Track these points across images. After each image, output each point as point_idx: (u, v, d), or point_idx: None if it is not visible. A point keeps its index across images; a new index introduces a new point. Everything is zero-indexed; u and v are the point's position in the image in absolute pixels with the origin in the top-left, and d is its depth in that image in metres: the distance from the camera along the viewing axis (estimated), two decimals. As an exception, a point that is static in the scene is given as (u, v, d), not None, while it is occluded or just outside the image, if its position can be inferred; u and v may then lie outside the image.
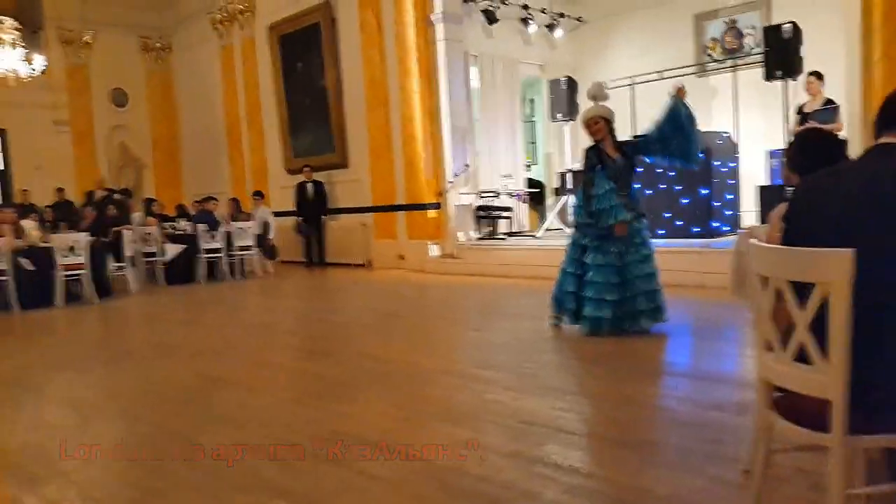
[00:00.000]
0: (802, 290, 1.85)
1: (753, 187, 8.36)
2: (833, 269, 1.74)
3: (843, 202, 1.89)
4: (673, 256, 7.47)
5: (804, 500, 2.40)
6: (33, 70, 12.77)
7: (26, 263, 8.54)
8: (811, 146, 2.27)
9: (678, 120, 5.09)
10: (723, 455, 2.78)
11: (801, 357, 1.89)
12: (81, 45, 15.19)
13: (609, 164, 5.22)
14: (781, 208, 2.22)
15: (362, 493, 2.63)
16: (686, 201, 8.28)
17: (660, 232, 8.41)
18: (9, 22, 12.42)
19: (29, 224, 9.33)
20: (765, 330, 2.01)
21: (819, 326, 1.82)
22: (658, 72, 9.74)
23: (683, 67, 10.00)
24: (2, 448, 3.44)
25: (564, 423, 3.31)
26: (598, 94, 5.49)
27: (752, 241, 2.05)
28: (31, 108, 14.01)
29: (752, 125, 9.33)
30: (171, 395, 4.28)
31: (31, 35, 13.90)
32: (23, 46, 12.57)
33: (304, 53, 12.29)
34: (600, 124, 5.25)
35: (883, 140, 1.94)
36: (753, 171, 9.06)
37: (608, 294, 5.07)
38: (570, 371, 4.39)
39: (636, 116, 9.75)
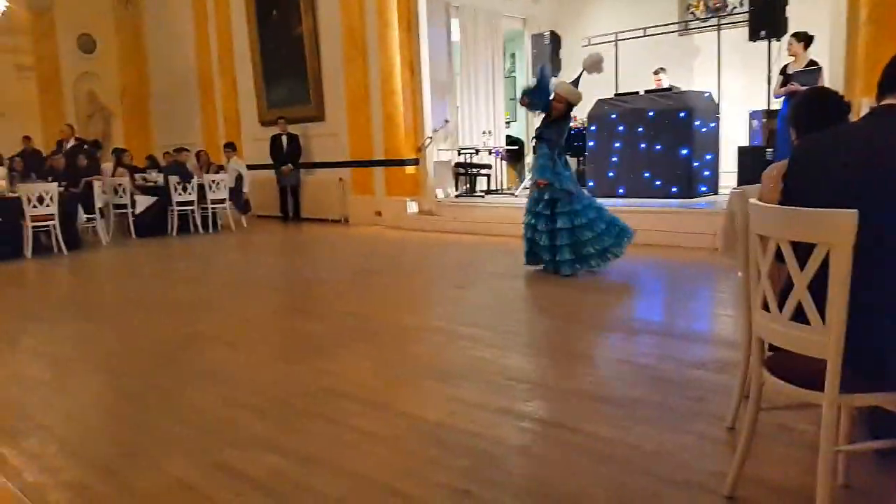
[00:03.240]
0: (799, 251, 1.86)
1: (733, 148, 8.39)
2: (836, 229, 1.75)
3: (847, 163, 1.89)
4: (651, 216, 7.51)
5: (787, 456, 2.46)
6: (-6, 11, 12.23)
7: (-7, 214, 8.31)
8: (819, 105, 2.25)
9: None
10: (707, 412, 2.82)
11: (796, 316, 1.91)
12: (45, -13, 14.54)
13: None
14: (776, 168, 2.21)
15: (355, 448, 2.63)
16: (665, 161, 8.30)
17: (638, 191, 8.45)
18: (-33, -41, 11.86)
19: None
20: (761, 289, 2.02)
21: (816, 287, 1.83)
22: (642, 28, 9.65)
23: (666, 25, 9.94)
24: (-21, 402, 3.38)
25: (550, 380, 3.34)
26: (592, 67, 5.75)
27: (752, 200, 2.05)
28: (-8, 51, 13.47)
29: (734, 86, 9.32)
30: (152, 350, 4.23)
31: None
32: (-17, -14, 12.02)
33: (279, 0, 11.93)
34: (562, 105, 5.71)
35: (887, 101, 1.94)
36: (734, 132, 9.08)
37: (527, 231, 5.97)
38: (552, 329, 4.42)
39: (619, 73, 9.68)
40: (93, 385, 3.65)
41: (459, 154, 10.57)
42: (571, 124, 10.39)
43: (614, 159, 8.76)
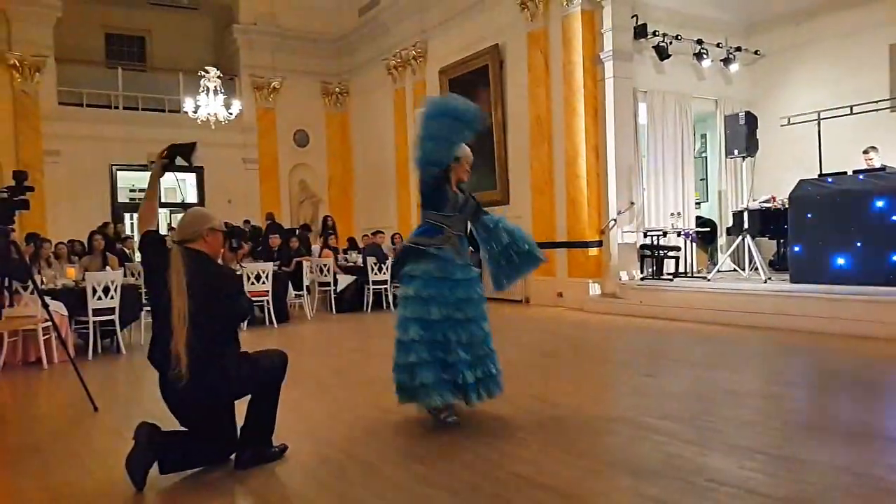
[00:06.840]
0: None
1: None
2: None
3: None
4: (877, 306, 6.88)
5: None
6: (231, 114, 14.21)
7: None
8: None
9: (521, 261, 4.68)
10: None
11: None
12: (270, 91, 16.70)
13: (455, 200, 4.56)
14: None
15: (548, 540, 2.62)
16: (881, 246, 7.58)
17: (848, 277, 7.76)
18: (213, 71, 13.98)
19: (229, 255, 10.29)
20: None
21: None
22: (848, 106, 9.05)
23: (876, 102, 9.24)
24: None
25: (756, 486, 3.10)
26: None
27: None
28: (225, 147, 15.57)
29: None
30: (354, 423, 4.52)
31: (229, 82, 15.51)
32: (224, 93, 14.06)
33: (470, 94, 12.68)
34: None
35: None
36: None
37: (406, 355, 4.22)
38: (760, 427, 4.09)
39: (822, 153, 9.10)
40: (299, 451, 3.93)
41: (646, 236, 10.38)
42: (770, 205, 9.92)
43: (819, 242, 8.14)
